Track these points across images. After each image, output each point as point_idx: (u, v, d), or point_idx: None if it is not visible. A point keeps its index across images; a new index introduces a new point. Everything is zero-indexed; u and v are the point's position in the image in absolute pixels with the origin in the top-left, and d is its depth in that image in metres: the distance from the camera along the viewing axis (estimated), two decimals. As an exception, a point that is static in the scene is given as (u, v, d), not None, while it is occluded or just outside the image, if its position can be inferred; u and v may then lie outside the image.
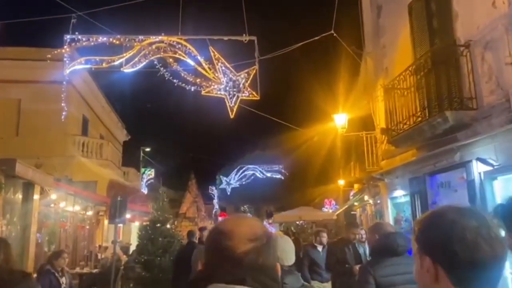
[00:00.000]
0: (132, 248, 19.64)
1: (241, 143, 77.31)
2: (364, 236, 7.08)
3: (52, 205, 12.38)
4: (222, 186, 34.80)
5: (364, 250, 6.92)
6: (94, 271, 11.32)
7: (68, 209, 14.08)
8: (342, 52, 11.53)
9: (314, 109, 22.69)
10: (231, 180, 33.88)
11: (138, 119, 40.30)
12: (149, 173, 31.40)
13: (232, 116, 8.40)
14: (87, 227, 16.13)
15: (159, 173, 30.19)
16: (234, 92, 8.28)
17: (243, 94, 8.38)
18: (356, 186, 28.79)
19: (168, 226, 9.47)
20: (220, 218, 44.01)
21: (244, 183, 33.80)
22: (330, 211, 33.73)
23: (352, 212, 28.40)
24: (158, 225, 9.49)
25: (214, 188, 51.40)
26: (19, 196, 10.16)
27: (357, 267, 6.17)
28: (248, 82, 8.43)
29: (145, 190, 28.61)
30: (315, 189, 38.85)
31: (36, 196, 10.75)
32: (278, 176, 33.97)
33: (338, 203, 34.85)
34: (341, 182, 29.14)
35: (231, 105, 8.29)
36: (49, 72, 18.22)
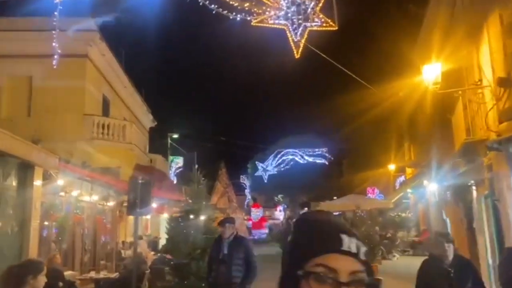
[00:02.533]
0: (162, 242, 17.36)
1: (289, 110, 73.60)
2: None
3: (62, 193, 10.07)
4: (258, 173, 32.05)
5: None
6: (114, 275, 8.97)
7: (84, 199, 11.79)
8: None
9: (393, 58, 18.85)
10: (268, 166, 31.11)
11: (164, 97, 37.75)
12: (178, 162, 29.17)
13: (297, 56, 5.76)
14: (109, 220, 13.85)
15: (190, 157, 27.86)
16: (300, 21, 5.64)
17: (313, 24, 5.72)
18: (409, 171, 25.75)
19: (204, 217, 6.93)
20: (253, 209, 41.71)
21: (282, 169, 30.95)
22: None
23: (404, 201, 25.25)
24: (192, 216, 6.96)
25: (245, 177, 49.19)
26: (13, 180, 7.80)
27: None
28: (320, 4, 5.77)
29: (173, 180, 26.39)
30: (356, 176, 35.76)
31: (37, 182, 8.40)
32: (321, 160, 30.94)
33: (384, 191, 31.74)
34: (392, 167, 26.12)
35: (295, 40, 5.67)
36: (62, 44, 16.04)
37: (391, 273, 14.06)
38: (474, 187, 10.15)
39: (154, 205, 12.03)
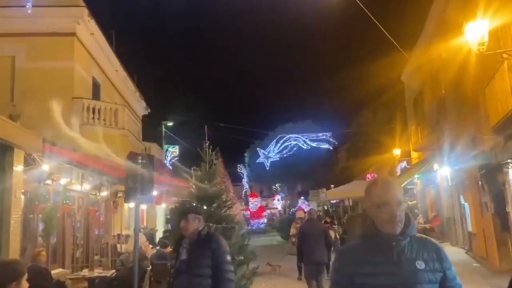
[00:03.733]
0: (159, 235, 16.24)
1: (288, 95, 71.94)
2: None
3: (49, 181, 8.89)
4: (260, 159, 30.79)
5: None
6: (110, 273, 7.87)
7: (75, 188, 10.62)
8: None
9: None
10: (270, 153, 29.89)
11: (157, 84, 36.38)
12: (173, 151, 27.97)
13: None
14: (102, 211, 12.69)
15: (185, 149, 26.60)
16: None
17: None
18: (415, 155, 24.74)
19: (219, 203, 5.77)
20: (250, 199, 40.73)
21: (285, 155, 29.73)
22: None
23: (409, 187, 24.16)
24: (199, 204, 5.79)
25: (242, 167, 48.12)
26: (-13, 165, 6.60)
27: None
28: None
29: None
30: (355, 163, 34.80)
31: (18, 167, 7.22)
32: (325, 145, 29.76)
33: (384, 175, 30.77)
34: (397, 152, 25.10)
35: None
36: (47, 21, 14.73)
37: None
38: (511, 166, 9.11)
39: (154, 192, 10.88)
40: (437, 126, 17.37)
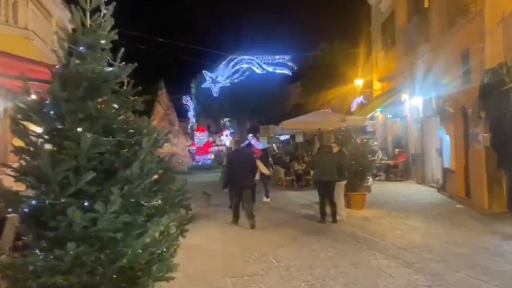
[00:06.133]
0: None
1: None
2: None
3: None
4: (206, 84, 27.18)
5: None
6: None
7: None
8: None
9: None
10: (219, 77, 26.35)
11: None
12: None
13: None
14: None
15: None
16: None
17: None
18: (378, 86, 22.61)
19: (108, 92, 2.84)
20: (196, 133, 37.74)
21: (236, 80, 26.35)
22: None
23: (371, 121, 22.00)
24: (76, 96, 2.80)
25: (189, 98, 44.48)
26: None
27: None
28: None
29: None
30: (311, 98, 32.40)
31: None
32: (283, 70, 26.55)
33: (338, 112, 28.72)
34: (359, 82, 22.74)
35: None
36: None
37: (373, 202, 11.15)
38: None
39: None
40: (414, 49, 15.05)
